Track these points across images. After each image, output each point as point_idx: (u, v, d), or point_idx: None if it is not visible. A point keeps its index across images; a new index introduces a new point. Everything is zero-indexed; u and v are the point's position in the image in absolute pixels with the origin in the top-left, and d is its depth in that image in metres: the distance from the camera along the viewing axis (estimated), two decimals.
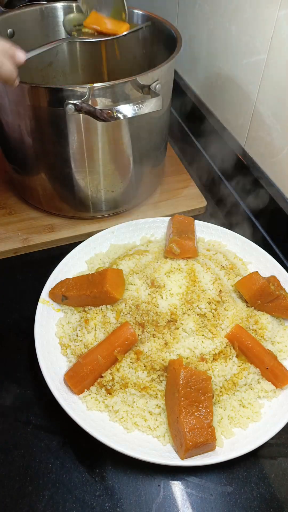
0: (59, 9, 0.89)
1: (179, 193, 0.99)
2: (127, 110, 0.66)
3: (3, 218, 0.91)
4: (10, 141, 0.80)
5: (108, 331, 0.67)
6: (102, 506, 0.57)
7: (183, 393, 0.58)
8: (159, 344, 0.64)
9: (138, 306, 0.67)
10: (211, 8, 0.97)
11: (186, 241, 0.74)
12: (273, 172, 0.91)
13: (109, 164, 0.80)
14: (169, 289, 0.69)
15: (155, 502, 0.57)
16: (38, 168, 0.82)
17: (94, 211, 0.89)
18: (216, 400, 0.62)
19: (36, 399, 0.66)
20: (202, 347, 0.64)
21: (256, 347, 0.65)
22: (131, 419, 0.61)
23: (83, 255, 0.80)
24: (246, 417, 0.62)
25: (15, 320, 0.76)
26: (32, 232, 0.89)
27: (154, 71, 0.71)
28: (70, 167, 0.79)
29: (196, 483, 0.59)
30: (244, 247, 0.83)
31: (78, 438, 0.62)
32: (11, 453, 0.61)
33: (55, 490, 0.58)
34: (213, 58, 1.02)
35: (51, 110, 0.70)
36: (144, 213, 0.94)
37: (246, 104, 0.94)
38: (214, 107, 1.09)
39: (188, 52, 1.13)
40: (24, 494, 0.57)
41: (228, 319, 0.67)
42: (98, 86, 0.67)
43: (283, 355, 0.68)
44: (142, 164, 0.86)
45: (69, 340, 0.68)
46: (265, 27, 0.81)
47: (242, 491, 0.58)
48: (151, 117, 0.78)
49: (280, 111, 0.83)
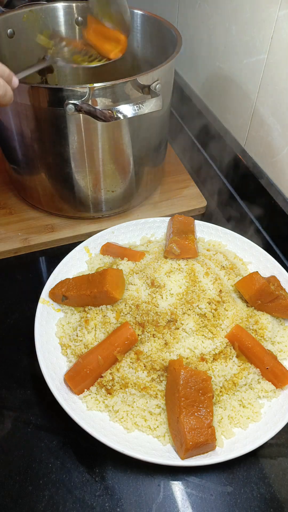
0: (59, 9, 0.89)
1: (179, 193, 0.99)
2: (127, 110, 0.66)
3: (3, 218, 0.91)
4: (10, 141, 0.80)
5: (108, 331, 0.67)
6: (102, 506, 0.57)
7: (183, 393, 0.58)
8: (159, 344, 0.64)
9: (138, 306, 0.67)
10: (211, 8, 0.97)
11: (186, 241, 0.74)
12: (273, 172, 0.91)
13: (109, 164, 0.80)
14: (169, 289, 0.69)
15: (155, 502, 0.57)
16: (38, 168, 0.82)
17: (94, 211, 0.89)
18: (216, 400, 0.62)
19: (36, 399, 0.66)
20: (202, 347, 0.64)
21: (256, 347, 0.65)
22: (131, 419, 0.61)
23: (83, 255, 0.80)
24: (246, 417, 0.62)
25: (15, 320, 0.76)
26: (32, 232, 0.89)
27: (154, 71, 0.71)
28: (70, 167, 0.79)
29: (196, 483, 0.59)
30: (244, 247, 0.83)
31: (78, 438, 0.62)
32: (11, 453, 0.61)
33: (55, 490, 0.58)
34: (213, 58, 1.03)
35: (51, 110, 0.70)
36: (144, 213, 0.94)
37: (246, 104, 0.94)
38: (214, 107, 1.09)
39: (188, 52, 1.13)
40: (24, 494, 0.57)
41: (228, 319, 0.67)
42: (98, 86, 0.67)
43: (283, 355, 0.68)
44: (142, 164, 0.86)
45: (69, 340, 0.68)
46: (265, 27, 0.81)
47: (242, 491, 0.58)
48: (151, 117, 0.78)
49: (280, 111, 0.83)
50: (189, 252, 0.73)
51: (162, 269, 0.72)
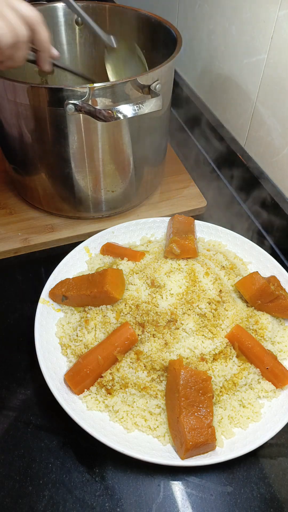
0: (59, 9, 0.89)
1: (179, 193, 0.99)
2: (127, 110, 0.66)
3: (3, 218, 0.91)
4: (10, 141, 0.80)
5: (108, 331, 0.67)
6: (102, 506, 0.57)
7: (183, 393, 0.58)
8: (159, 344, 0.64)
9: (138, 306, 0.67)
10: (211, 8, 0.97)
11: (186, 241, 0.74)
12: (273, 172, 0.91)
13: (109, 164, 0.80)
14: (169, 289, 0.69)
15: (155, 502, 0.57)
16: (38, 168, 0.82)
17: (94, 211, 0.89)
18: (216, 400, 0.62)
19: (36, 399, 0.66)
20: (202, 347, 0.64)
21: (256, 347, 0.65)
22: (131, 419, 0.61)
23: (83, 255, 0.80)
24: (246, 417, 0.62)
25: (15, 320, 0.76)
26: (32, 232, 0.89)
27: (154, 71, 0.71)
28: (70, 167, 0.79)
29: (196, 483, 0.59)
30: (244, 247, 0.83)
31: (78, 438, 0.62)
32: (11, 453, 0.61)
33: (55, 490, 0.58)
34: (213, 58, 1.03)
35: (51, 110, 0.70)
36: (144, 213, 0.94)
37: (246, 104, 0.94)
38: (214, 107, 1.09)
39: (188, 52, 1.13)
40: (24, 494, 0.57)
41: (228, 319, 0.67)
42: (98, 86, 0.67)
43: (283, 355, 0.68)
44: (142, 164, 0.86)
45: (69, 340, 0.68)
46: (265, 27, 0.81)
47: (242, 491, 0.58)
48: (151, 117, 0.78)
49: (280, 111, 0.83)
50: (189, 252, 0.73)
51: (162, 269, 0.72)
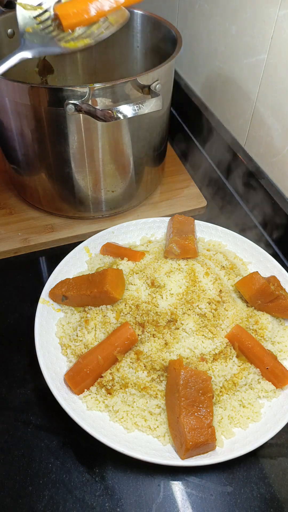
0: None
1: (179, 193, 0.99)
2: (127, 110, 0.66)
3: (3, 218, 0.91)
4: (10, 141, 0.80)
5: (108, 331, 0.67)
6: (102, 506, 0.57)
7: (183, 393, 0.58)
8: (159, 344, 0.64)
9: (138, 306, 0.67)
10: (211, 8, 0.97)
11: (186, 241, 0.74)
12: (273, 172, 0.91)
13: (109, 164, 0.80)
14: (169, 289, 0.69)
15: (155, 502, 0.57)
16: (38, 168, 0.82)
17: (94, 211, 0.89)
18: (216, 400, 0.62)
19: (36, 399, 0.66)
20: (202, 347, 0.64)
21: (256, 347, 0.65)
22: (131, 419, 0.61)
23: (83, 255, 0.80)
24: (246, 417, 0.62)
25: (15, 320, 0.76)
26: (32, 232, 0.89)
27: (154, 71, 0.71)
28: (70, 167, 0.79)
29: (196, 483, 0.59)
30: (244, 247, 0.83)
31: (78, 438, 0.62)
32: (11, 453, 0.61)
33: (55, 490, 0.58)
34: (213, 58, 1.02)
35: (51, 110, 0.70)
36: (144, 213, 0.94)
37: (246, 104, 0.94)
38: (214, 107, 1.09)
39: (188, 52, 1.13)
40: (24, 494, 0.57)
41: (228, 319, 0.67)
42: (98, 86, 0.67)
43: (283, 355, 0.68)
44: (142, 164, 0.86)
45: (69, 340, 0.68)
46: (265, 27, 0.81)
47: (242, 491, 0.58)
48: (151, 117, 0.78)
49: (280, 111, 0.83)
50: (189, 252, 0.73)
51: (162, 269, 0.72)
